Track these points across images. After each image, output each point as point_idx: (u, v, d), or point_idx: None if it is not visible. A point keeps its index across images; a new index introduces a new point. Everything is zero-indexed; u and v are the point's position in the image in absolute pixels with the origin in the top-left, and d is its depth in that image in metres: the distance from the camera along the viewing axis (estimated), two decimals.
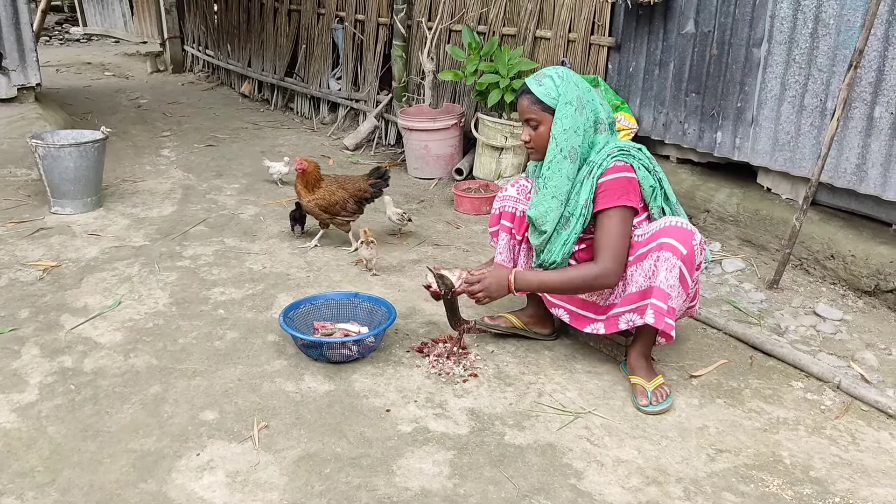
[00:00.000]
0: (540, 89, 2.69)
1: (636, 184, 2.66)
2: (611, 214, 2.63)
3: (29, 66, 5.09)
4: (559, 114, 2.67)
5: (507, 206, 3.05)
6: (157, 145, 6.01)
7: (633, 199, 2.64)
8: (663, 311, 2.59)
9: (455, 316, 2.94)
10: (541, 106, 2.70)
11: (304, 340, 2.90)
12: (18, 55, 5.02)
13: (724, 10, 3.90)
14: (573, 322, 2.91)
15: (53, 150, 4.26)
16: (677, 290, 2.59)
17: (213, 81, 8.40)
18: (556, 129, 2.68)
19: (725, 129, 4.02)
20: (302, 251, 4.00)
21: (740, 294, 3.56)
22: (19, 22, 4.97)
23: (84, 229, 4.20)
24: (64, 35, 11.62)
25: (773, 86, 3.76)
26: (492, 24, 5.22)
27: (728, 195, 4.09)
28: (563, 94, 2.67)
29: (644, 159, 2.71)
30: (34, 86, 5.17)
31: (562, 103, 2.67)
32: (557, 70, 2.74)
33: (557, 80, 2.69)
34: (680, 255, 2.56)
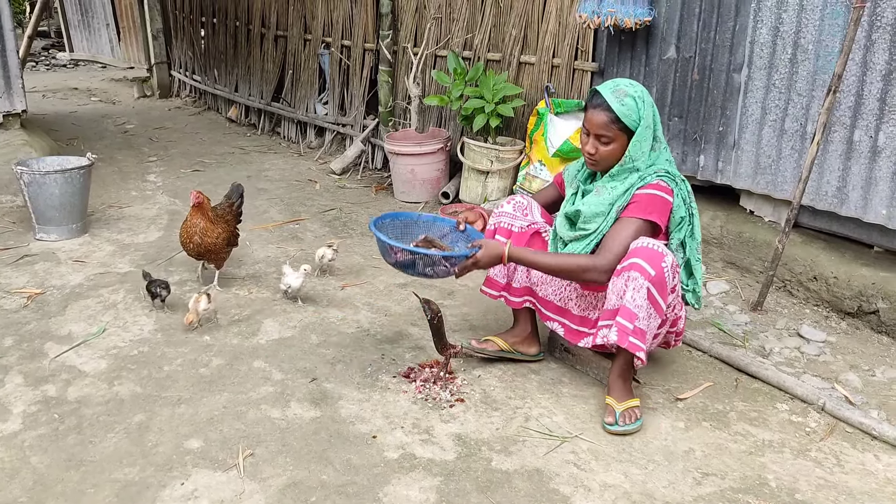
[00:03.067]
0: (622, 109, 2.70)
1: (669, 207, 2.71)
2: (630, 221, 2.68)
3: (14, 93, 5.09)
4: (639, 136, 2.71)
5: (503, 222, 3.05)
6: (144, 171, 6.00)
7: (659, 218, 2.68)
8: (628, 329, 2.60)
9: (441, 340, 2.95)
10: (619, 125, 2.71)
11: (405, 251, 2.74)
12: (4, 82, 5.02)
13: (705, 36, 3.96)
14: (568, 335, 2.94)
15: (38, 176, 4.25)
16: (646, 310, 2.60)
17: (200, 106, 8.42)
18: (633, 150, 2.72)
19: (708, 152, 4.07)
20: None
21: (725, 316, 3.59)
22: (5, 49, 4.98)
23: (69, 256, 4.18)
24: (51, 60, 11.62)
25: (754, 110, 3.81)
26: (477, 50, 5.27)
27: (712, 218, 4.12)
28: (644, 117, 2.71)
29: (684, 191, 2.77)
30: (20, 112, 5.17)
31: (643, 127, 2.71)
32: (636, 88, 2.75)
33: (639, 102, 2.71)
34: (648, 277, 2.56)
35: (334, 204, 5.28)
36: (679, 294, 2.74)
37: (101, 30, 9.56)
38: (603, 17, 4.18)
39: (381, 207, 5.24)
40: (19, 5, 13.91)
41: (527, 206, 3.06)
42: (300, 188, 5.66)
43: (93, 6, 9.50)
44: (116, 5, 9.10)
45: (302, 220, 4.92)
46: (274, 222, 4.86)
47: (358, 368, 3.07)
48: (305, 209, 5.16)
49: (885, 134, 3.32)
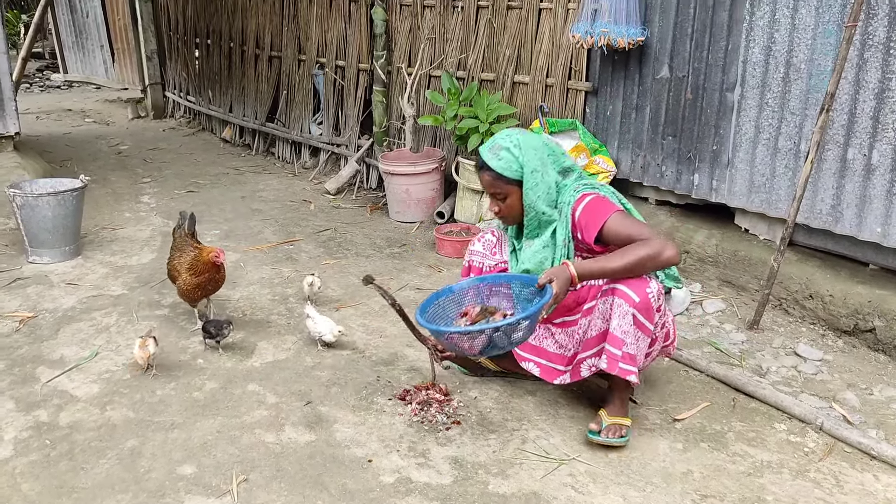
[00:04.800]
0: (500, 164, 2.68)
1: (606, 200, 2.66)
2: (612, 223, 2.59)
3: (7, 115, 5.08)
4: (528, 184, 2.67)
5: (475, 260, 3.04)
6: (137, 192, 5.98)
7: (614, 208, 2.63)
8: (617, 356, 2.60)
9: (415, 329, 2.94)
10: (505, 180, 2.68)
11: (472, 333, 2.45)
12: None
13: (698, 55, 3.98)
14: (543, 375, 2.90)
15: (31, 199, 4.23)
16: (633, 336, 2.59)
17: (195, 127, 8.41)
18: (529, 199, 2.69)
19: (702, 171, 4.07)
20: (282, 298, 3.98)
21: (721, 335, 3.57)
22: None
23: (62, 279, 4.16)
24: (45, 82, 11.63)
25: (748, 129, 3.82)
26: (471, 70, 5.28)
27: (707, 236, 4.12)
28: (526, 163, 2.67)
29: (608, 191, 2.75)
30: (13, 135, 5.15)
31: (528, 173, 2.67)
32: (511, 137, 2.72)
33: (516, 151, 2.67)
34: (633, 303, 2.55)
35: (329, 224, 5.27)
36: (665, 311, 2.72)
37: (95, 51, 9.58)
38: (596, 37, 4.20)
39: (375, 227, 5.23)
40: (13, 27, 13.93)
41: (496, 245, 3.03)
42: (295, 208, 5.64)
43: (87, 28, 9.52)
44: (111, 27, 9.12)
45: (297, 241, 4.90)
46: (268, 243, 4.84)
47: (353, 391, 3.05)
48: (300, 230, 5.14)
49: (879, 152, 3.33)
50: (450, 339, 2.54)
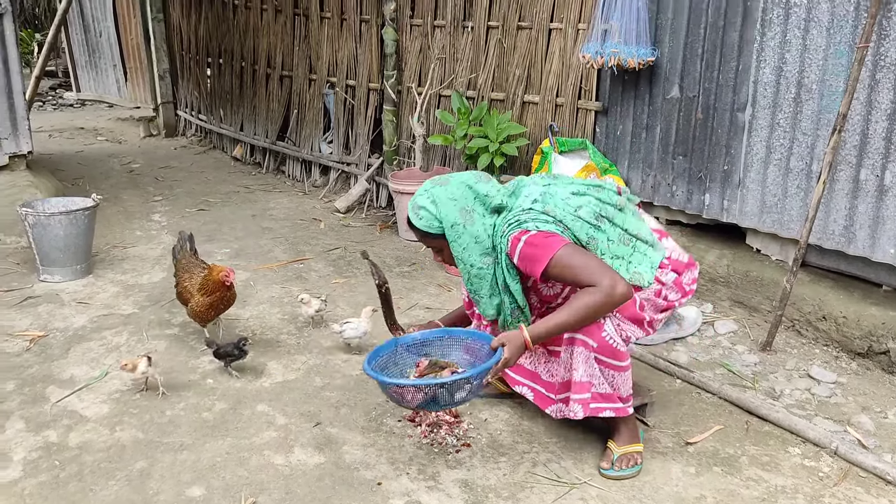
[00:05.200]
0: (421, 223, 2.63)
1: (542, 235, 2.49)
2: (556, 264, 2.45)
3: (21, 135, 5.12)
4: (450, 238, 2.61)
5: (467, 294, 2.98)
6: (149, 210, 6.01)
7: (556, 245, 2.46)
8: (587, 400, 2.60)
9: (391, 315, 2.97)
10: (431, 236, 2.65)
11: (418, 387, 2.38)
12: (10, 124, 5.05)
13: (708, 75, 3.98)
14: (537, 400, 2.84)
15: (43, 218, 4.25)
16: (599, 377, 2.59)
17: (206, 145, 8.46)
18: (455, 252, 2.63)
19: (713, 191, 4.06)
20: (292, 318, 3.97)
21: (734, 356, 3.54)
22: (12, 91, 5.02)
23: (73, 297, 4.17)
24: (58, 100, 11.74)
25: (759, 149, 3.81)
26: (480, 90, 5.30)
27: (718, 256, 4.10)
28: (444, 218, 2.60)
29: (538, 216, 2.54)
30: (26, 154, 5.19)
31: (447, 227, 2.60)
32: (428, 192, 2.65)
33: (432, 208, 2.61)
34: (591, 348, 2.55)
35: (339, 243, 5.27)
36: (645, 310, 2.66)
37: (108, 70, 9.66)
38: (606, 57, 4.20)
39: (385, 246, 5.23)
40: (27, 46, 14.09)
41: None
42: (305, 227, 5.65)
43: (100, 47, 9.61)
44: (124, 46, 9.20)
45: (306, 260, 4.90)
46: (278, 262, 4.84)
47: (362, 412, 3.03)
48: (310, 248, 5.15)
49: (892, 173, 3.31)
50: (393, 390, 2.44)
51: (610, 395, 2.61)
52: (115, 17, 9.16)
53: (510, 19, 5.03)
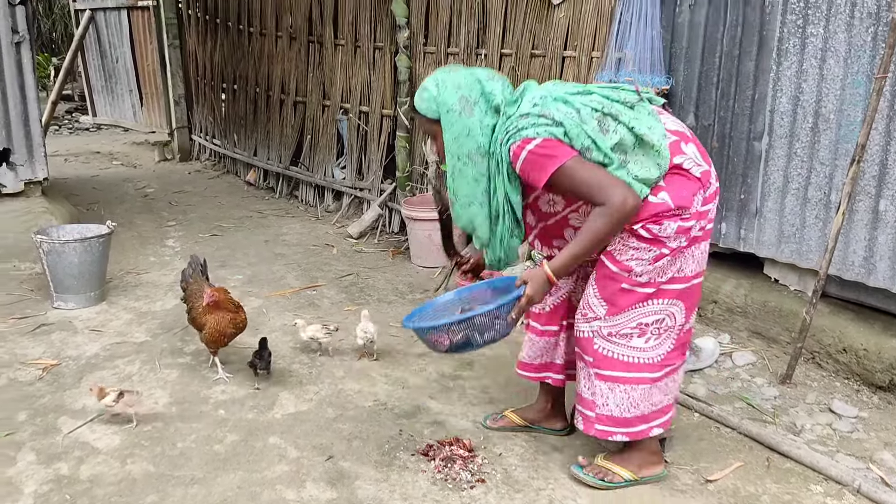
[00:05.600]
0: (421, 104, 2.60)
1: (547, 143, 2.38)
2: (561, 174, 2.37)
3: (37, 161, 5.16)
4: (444, 123, 2.54)
5: None
6: (162, 235, 6.02)
7: (562, 156, 2.37)
8: (591, 419, 2.64)
9: (449, 242, 2.94)
10: (427, 120, 2.60)
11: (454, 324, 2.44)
12: (27, 150, 5.09)
13: (724, 104, 3.96)
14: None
15: (58, 245, 4.26)
16: (603, 395, 2.62)
17: (220, 170, 8.50)
18: (446, 140, 2.56)
19: (730, 220, 4.02)
20: (304, 346, 3.95)
21: (753, 389, 3.49)
22: (28, 118, 5.07)
23: (86, 325, 4.16)
24: (74, 124, 11.85)
25: (776, 178, 3.77)
26: None
27: (735, 286, 4.05)
28: (442, 102, 2.53)
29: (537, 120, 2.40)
30: (41, 180, 5.22)
31: (443, 112, 2.53)
32: (437, 76, 2.61)
33: (434, 90, 2.56)
34: (589, 363, 2.62)
35: (351, 269, 5.26)
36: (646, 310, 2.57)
37: (124, 95, 9.74)
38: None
39: (397, 272, 5.21)
40: (44, 69, 14.27)
41: None
42: (317, 253, 5.65)
43: (116, 73, 9.69)
44: (140, 72, 9.28)
45: (319, 286, 4.89)
46: (291, 289, 4.83)
47: (375, 445, 3.00)
48: (322, 275, 5.13)
49: None
50: (429, 337, 2.53)
51: (614, 419, 2.60)
52: (132, 43, 9.24)
53: (524, 47, 5.03)
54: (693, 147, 2.54)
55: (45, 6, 15.94)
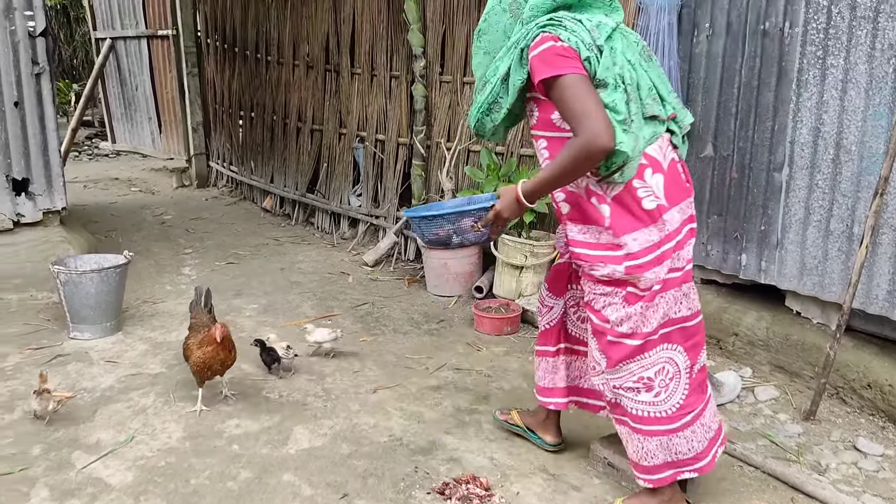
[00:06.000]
0: None
1: (569, 50, 2.36)
2: (561, 83, 2.34)
3: (55, 191, 5.19)
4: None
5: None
6: (179, 263, 6.04)
7: (573, 68, 2.34)
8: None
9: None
10: None
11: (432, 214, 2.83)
12: (45, 180, 5.13)
13: (743, 134, 3.92)
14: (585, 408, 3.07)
15: (75, 276, 4.27)
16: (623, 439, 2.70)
17: (237, 196, 8.54)
18: (488, 6, 2.56)
19: (750, 251, 3.96)
20: (319, 377, 3.92)
21: (776, 426, 3.41)
22: (48, 148, 5.11)
23: (101, 356, 4.16)
24: (93, 150, 11.97)
25: (797, 210, 3.72)
26: (510, 146, 5.29)
27: (757, 318, 3.98)
28: None
29: (581, 32, 2.38)
30: (59, 209, 5.26)
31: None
32: None
33: None
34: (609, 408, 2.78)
35: (367, 298, 5.23)
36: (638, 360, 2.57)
37: (143, 123, 9.86)
38: None
39: (413, 301, 5.19)
40: (65, 96, 14.46)
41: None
42: (333, 281, 5.63)
43: (136, 100, 9.82)
44: (159, 99, 9.40)
45: (334, 316, 4.87)
46: (306, 318, 4.81)
47: (390, 483, 2.95)
48: (338, 303, 5.12)
49: None
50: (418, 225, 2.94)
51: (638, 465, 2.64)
52: (152, 71, 9.37)
53: None
54: (660, 179, 2.49)
55: (67, 33, 16.20)
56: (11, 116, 4.94)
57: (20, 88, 4.94)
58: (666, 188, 2.50)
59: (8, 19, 4.83)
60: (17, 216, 5.09)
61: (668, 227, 2.48)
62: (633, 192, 2.45)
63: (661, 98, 2.51)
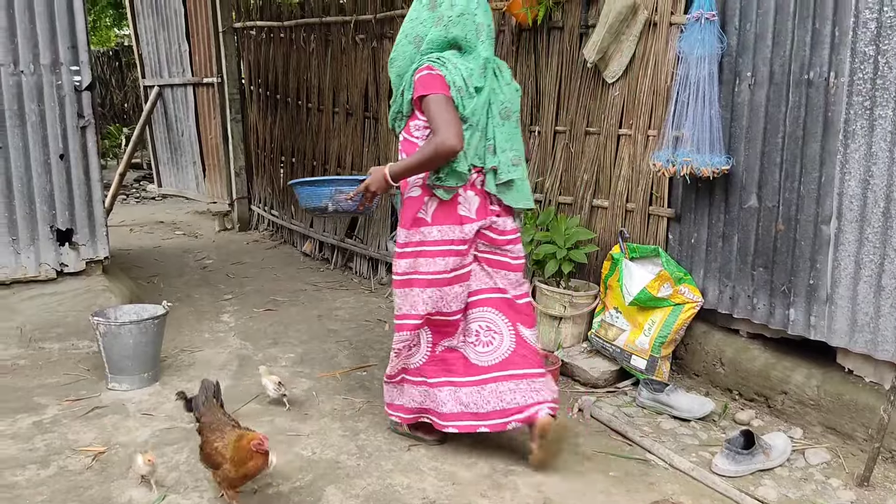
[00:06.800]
0: None
1: (440, 79, 3.20)
2: (430, 101, 3.17)
3: (98, 241, 5.27)
4: (413, 6, 3.41)
5: None
6: (218, 310, 6.07)
7: (440, 89, 3.18)
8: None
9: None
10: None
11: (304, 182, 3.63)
12: (89, 231, 5.22)
13: (788, 185, 3.81)
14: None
15: (114, 327, 4.31)
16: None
17: (277, 240, 8.62)
18: (407, 17, 3.39)
19: (798, 306, 3.82)
20: (353, 433, 3.86)
21: (828, 492, 3.24)
22: (92, 199, 5.21)
23: (138, 408, 4.16)
24: (141, 192, 12.26)
25: (847, 264, 3.58)
26: (548, 193, 5.23)
27: (806, 376, 3.82)
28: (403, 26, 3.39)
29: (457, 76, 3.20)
30: (102, 259, 5.33)
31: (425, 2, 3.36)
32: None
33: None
34: None
35: None
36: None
37: (188, 167, 10.05)
38: (678, 165, 4.08)
39: None
40: (115, 139, 14.91)
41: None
42: (370, 329, 5.60)
43: (181, 145, 10.03)
44: (203, 145, 9.57)
45: (370, 367, 4.82)
46: (342, 369, 4.77)
47: None
48: (374, 353, 5.07)
49: None
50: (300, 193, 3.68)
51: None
52: (197, 117, 9.55)
53: (578, 125, 4.98)
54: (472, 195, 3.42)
55: (118, 79, 16.74)
56: (57, 168, 5.05)
57: (65, 141, 5.05)
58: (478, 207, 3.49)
59: (55, 74, 4.96)
60: (60, 266, 5.18)
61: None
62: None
63: (496, 149, 3.38)
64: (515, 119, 3.41)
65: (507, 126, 3.37)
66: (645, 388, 4.10)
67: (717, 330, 4.34)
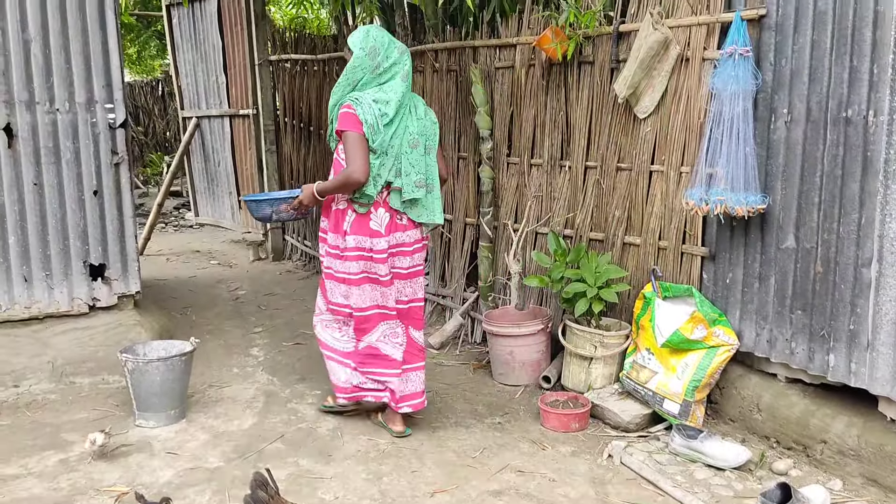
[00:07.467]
0: (350, 37, 4.02)
1: (356, 118, 3.82)
2: (346, 136, 3.83)
3: (130, 276, 5.32)
4: (356, 53, 3.94)
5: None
6: (248, 343, 6.07)
7: (356, 128, 3.82)
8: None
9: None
10: (349, 47, 3.99)
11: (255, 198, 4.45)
12: (121, 265, 5.27)
13: (827, 227, 3.68)
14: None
15: (142, 364, 4.32)
16: None
17: (310, 270, 8.63)
18: (349, 63, 3.96)
19: (838, 351, 3.67)
20: (376, 477, 3.79)
21: None
22: (124, 234, 5.26)
23: (163, 446, 4.15)
24: (179, 221, 12.43)
25: (889, 309, 3.43)
26: (578, 229, 5.15)
27: (847, 425, 3.66)
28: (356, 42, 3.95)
29: (369, 115, 3.83)
30: (133, 293, 5.38)
31: (357, 48, 3.94)
32: (371, 26, 4.16)
33: (362, 33, 3.97)
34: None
35: (431, 385, 5.09)
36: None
37: (223, 197, 10.18)
38: (712, 204, 3.98)
39: (478, 390, 5.03)
40: (157, 167, 15.18)
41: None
42: None
43: (218, 175, 10.17)
44: (239, 175, 9.70)
45: None
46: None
47: None
48: None
49: None
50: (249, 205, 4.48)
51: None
52: (233, 147, 9.69)
53: (609, 160, 4.90)
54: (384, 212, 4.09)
55: (160, 108, 17.07)
56: (90, 204, 5.12)
57: (99, 178, 5.12)
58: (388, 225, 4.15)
59: (89, 112, 5.04)
60: (92, 300, 5.23)
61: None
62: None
63: (401, 173, 3.99)
64: (424, 148, 4.05)
65: (415, 153, 4.00)
66: (678, 434, 3.97)
67: (754, 373, 4.19)
